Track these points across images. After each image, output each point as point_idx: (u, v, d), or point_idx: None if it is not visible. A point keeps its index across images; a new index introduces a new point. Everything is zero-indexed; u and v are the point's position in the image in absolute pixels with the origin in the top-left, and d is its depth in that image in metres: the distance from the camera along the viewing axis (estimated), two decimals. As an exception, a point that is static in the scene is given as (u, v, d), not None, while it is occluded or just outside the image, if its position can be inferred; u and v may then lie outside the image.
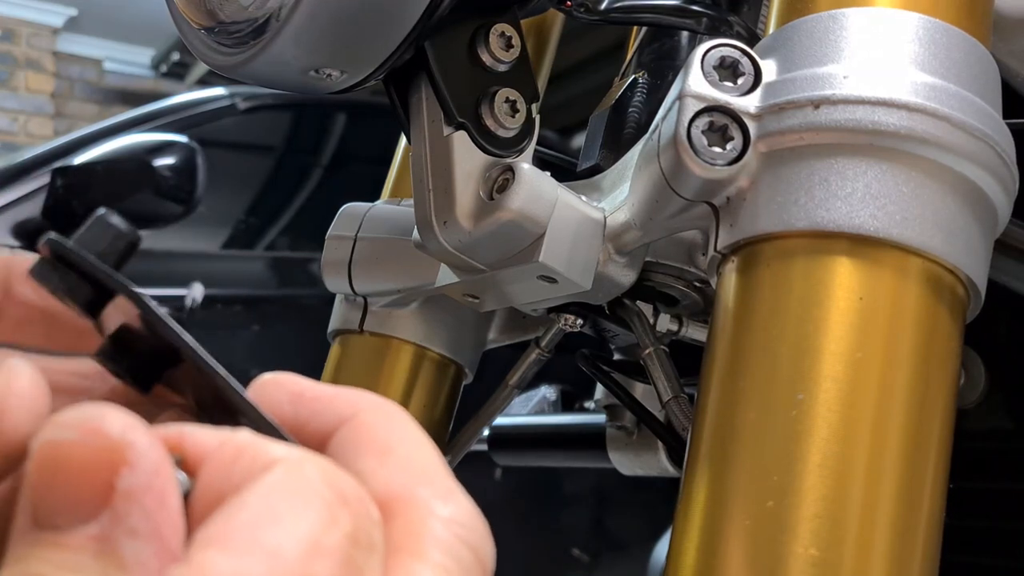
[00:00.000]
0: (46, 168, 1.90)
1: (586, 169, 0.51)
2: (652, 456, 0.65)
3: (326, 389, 0.26)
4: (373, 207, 0.57)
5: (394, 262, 0.53)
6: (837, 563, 0.30)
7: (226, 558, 0.19)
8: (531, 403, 0.88)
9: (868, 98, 0.33)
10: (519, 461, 0.84)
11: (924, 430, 0.33)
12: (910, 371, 0.33)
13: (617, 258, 0.45)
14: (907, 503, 0.32)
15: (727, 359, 0.35)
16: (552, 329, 0.55)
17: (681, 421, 0.49)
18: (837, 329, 0.33)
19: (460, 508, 0.24)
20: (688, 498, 0.34)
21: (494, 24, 0.45)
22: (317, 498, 0.21)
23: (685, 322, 0.53)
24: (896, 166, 0.34)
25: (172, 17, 0.45)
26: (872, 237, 0.33)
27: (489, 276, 0.47)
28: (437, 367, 0.57)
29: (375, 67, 0.42)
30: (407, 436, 0.25)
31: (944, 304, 0.34)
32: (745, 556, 0.31)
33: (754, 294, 0.35)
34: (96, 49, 5.30)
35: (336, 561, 0.20)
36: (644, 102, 0.52)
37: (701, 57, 0.36)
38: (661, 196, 0.38)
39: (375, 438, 0.25)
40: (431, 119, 0.45)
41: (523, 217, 0.43)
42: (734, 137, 0.35)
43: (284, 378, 0.26)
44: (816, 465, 0.31)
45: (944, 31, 0.35)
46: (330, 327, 0.58)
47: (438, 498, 0.24)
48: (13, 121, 4.89)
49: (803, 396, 0.32)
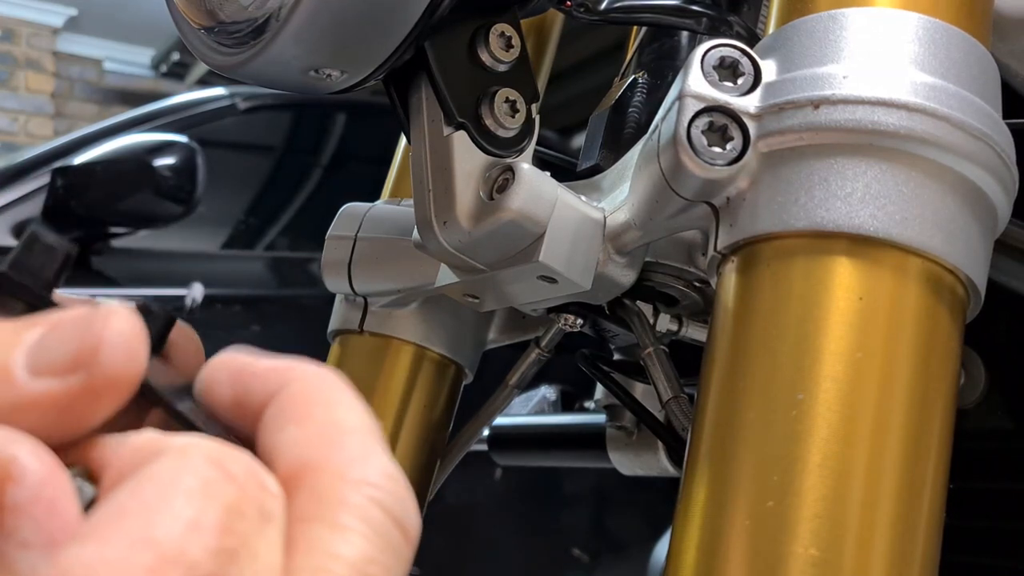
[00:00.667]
0: (46, 168, 1.90)
1: (586, 169, 0.51)
2: (652, 456, 0.65)
3: (263, 363, 0.26)
4: (373, 207, 0.57)
5: (394, 262, 0.53)
6: (837, 563, 0.30)
7: (97, 549, 0.20)
8: (531, 403, 0.88)
9: (868, 98, 0.33)
10: (519, 461, 0.84)
11: (924, 430, 0.33)
12: (910, 371, 0.33)
13: (617, 258, 0.45)
14: (907, 503, 0.32)
15: (727, 359, 0.35)
16: (552, 329, 0.55)
17: (681, 421, 0.49)
18: (837, 329, 0.33)
19: (374, 470, 0.24)
20: (688, 498, 0.34)
21: (494, 24, 0.45)
22: (195, 478, 0.21)
23: (685, 322, 0.53)
24: (896, 166, 0.34)
25: (172, 17, 0.45)
26: (872, 237, 0.33)
27: (489, 276, 0.47)
28: (437, 367, 0.57)
29: (375, 67, 0.42)
30: (332, 401, 0.25)
31: (944, 304, 0.34)
32: (745, 556, 0.31)
33: (754, 294, 0.35)
34: (96, 49, 5.30)
35: (216, 535, 0.20)
36: (644, 102, 0.52)
37: (701, 57, 0.36)
38: (661, 196, 0.38)
39: (297, 406, 0.25)
40: (431, 119, 0.45)
41: (523, 217, 0.43)
42: (734, 137, 0.35)
43: (229, 357, 0.26)
44: (816, 465, 0.31)
45: (944, 31, 0.35)
46: (330, 327, 0.58)
47: (351, 461, 0.24)
48: (13, 121, 4.89)
49: (803, 396, 0.32)
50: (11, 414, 0.22)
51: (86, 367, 0.22)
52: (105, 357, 0.22)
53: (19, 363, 0.23)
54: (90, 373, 0.22)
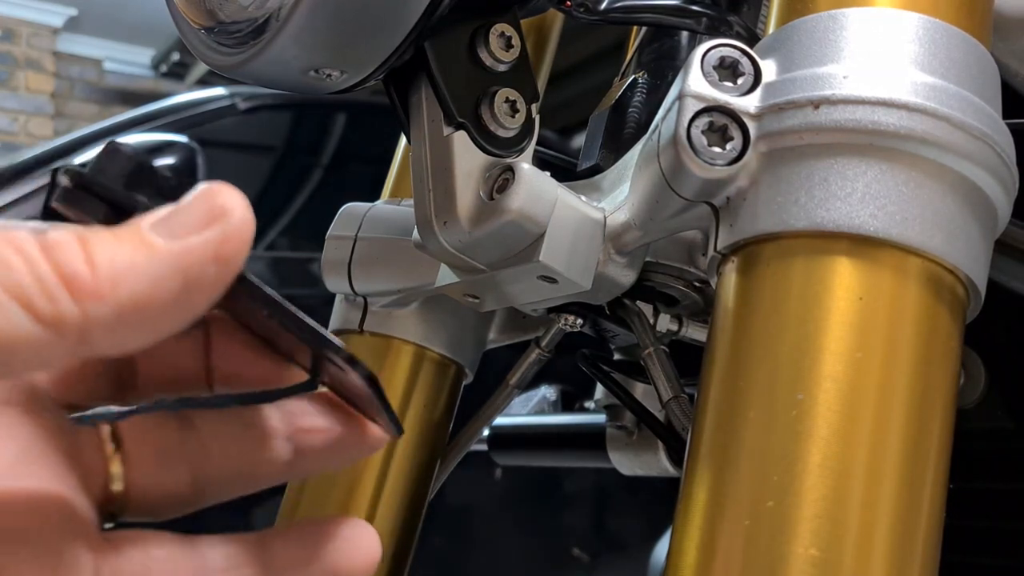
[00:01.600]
0: (46, 168, 1.90)
1: (586, 169, 0.51)
2: (652, 456, 0.65)
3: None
4: (373, 207, 0.57)
5: (394, 262, 0.53)
6: (837, 563, 0.30)
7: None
8: (531, 403, 0.88)
9: (868, 98, 0.33)
10: (519, 461, 0.84)
11: (924, 430, 0.33)
12: (910, 371, 0.33)
13: (617, 258, 0.45)
14: (907, 503, 0.32)
15: (727, 359, 0.35)
16: (552, 329, 0.55)
17: (681, 421, 0.49)
18: (837, 329, 0.33)
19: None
20: (688, 498, 0.34)
21: (494, 24, 0.45)
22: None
23: (685, 322, 0.53)
24: (896, 166, 0.34)
25: (172, 17, 0.45)
26: (872, 237, 0.33)
27: (489, 276, 0.47)
28: (437, 367, 0.57)
29: (375, 67, 0.42)
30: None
31: (944, 304, 0.34)
32: (745, 556, 0.31)
33: (754, 294, 0.35)
34: (96, 49, 5.30)
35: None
36: (644, 102, 0.52)
37: (701, 57, 0.36)
38: (661, 196, 0.38)
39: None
40: (431, 119, 0.45)
41: (523, 217, 0.43)
42: (734, 137, 0.35)
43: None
44: (816, 465, 0.31)
45: (944, 31, 0.35)
46: (330, 327, 0.58)
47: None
48: (13, 121, 4.89)
49: (803, 396, 0.32)
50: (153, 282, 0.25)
51: (220, 220, 0.26)
52: (233, 214, 0.26)
53: (152, 236, 0.25)
54: (226, 223, 0.26)
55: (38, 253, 0.24)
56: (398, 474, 0.54)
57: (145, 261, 0.25)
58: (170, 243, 0.25)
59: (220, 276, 0.26)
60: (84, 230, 0.25)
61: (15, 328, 0.23)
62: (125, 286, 0.24)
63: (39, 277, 0.24)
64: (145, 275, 0.25)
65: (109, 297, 0.24)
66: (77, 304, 0.24)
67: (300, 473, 0.34)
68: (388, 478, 0.54)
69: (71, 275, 0.24)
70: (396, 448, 0.55)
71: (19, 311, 0.23)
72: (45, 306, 0.23)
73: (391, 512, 0.54)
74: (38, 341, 0.24)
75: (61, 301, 0.24)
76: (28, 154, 2.03)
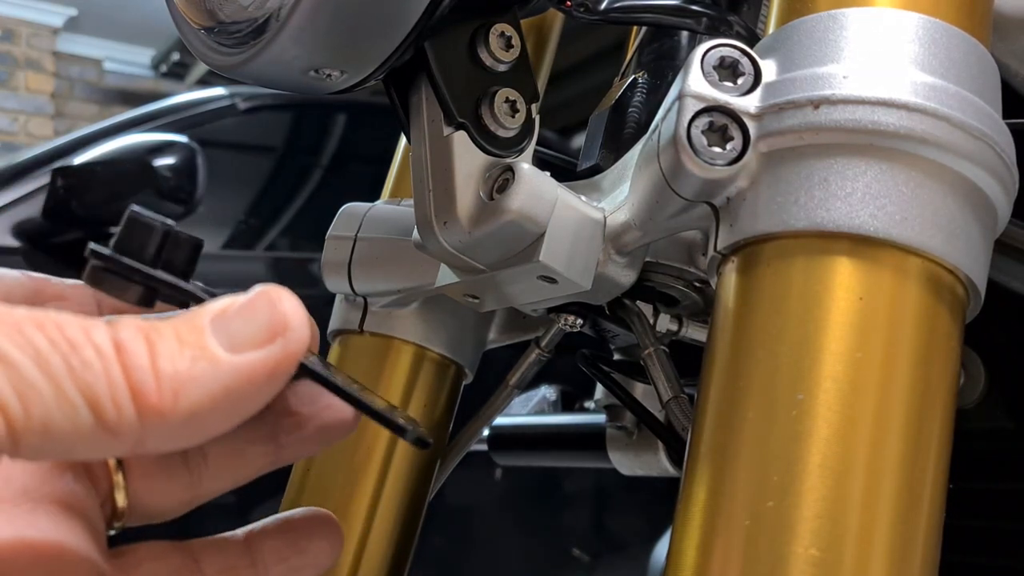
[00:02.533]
0: (46, 168, 1.90)
1: (586, 169, 0.51)
2: (652, 456, 0.65)
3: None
4: (373, 207, 0.57)
5: (394, 262, 0.53)
6: (837, 563, 0.30)
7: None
8: (531, 403, 0.88)
9: (868, 98, 0.33)
10: (519, 461, 0.84)
11: (924, 430, 0.33)
12: (910, 371, 0.33)
13: (617, 258, 0.45)
14: (907, 503, 0.32)
15: (727, 359, 0.35)
16: (552, 329, 0.55)
17: (681, 421, 0.49)
18: (837, 329, 0.33)
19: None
20: (688, 498, 0.34)
21: (494, 24, 0.45)
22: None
23: (685, 322, 0.53)
24: (896, 166, 0.34)
25: (172, 17, 0.45)
26: (872, 237, 0.33)
27: (489, 276, 0.47)
28: (437, 367, 0.57)
29: (375, 67, 0.42)
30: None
31: (944, 304, 0.34)
32: (745, 556, 0.31)
33: (754, 294, 0.35)
34: (96, 49, 5.30)
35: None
36: (644, 102, 0.52)
37: (701, 57, 0.36)
38: (661, 196, 0.38)
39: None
40: (431, 119, 0.45)
41: (523, 217, 0.43)
42: (734, 137, 0.35)
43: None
44: (816, 465, 0.31)
45: (944, 31, 0.35)
46: (330, 327, 0.58)
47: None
48: (13, 121, 4.89)
49: (803, 396, 0.32)
50: (220, 393, 0.25)
51: (282, 335, 0.26)
52: (294, 327, 0.27)
53: (214, 344, 0.26)
54: (287, 339, 0.26)
55: (112, 353, 0.24)
56: (398, 474, 0.54)
57: (206, 375, 0.25)
58: (232, 357, 0.26)
59: (274, 388, 0.26)
60: (149, 327, 0.25)
61: (78, 425, 0.23)
62: (185, 399, 0.25)
63: (111, 382, 0.24)
64: (206, 389, 0.25)
65: (169, 413, 0.24)
66: (139, 416, 0.24)
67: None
68: (388, 478, 0.54)
69: (138, 384, 0.24)
70: (396, 448, 0.55)
71: (87, 411, 0.23)
72: (111, 412, 0.24)
73: (391, 512, 0.54)
74: (96, 439, 0.24)
75: (125, 410, 0.24)
76: (28, 154, 2.03)
